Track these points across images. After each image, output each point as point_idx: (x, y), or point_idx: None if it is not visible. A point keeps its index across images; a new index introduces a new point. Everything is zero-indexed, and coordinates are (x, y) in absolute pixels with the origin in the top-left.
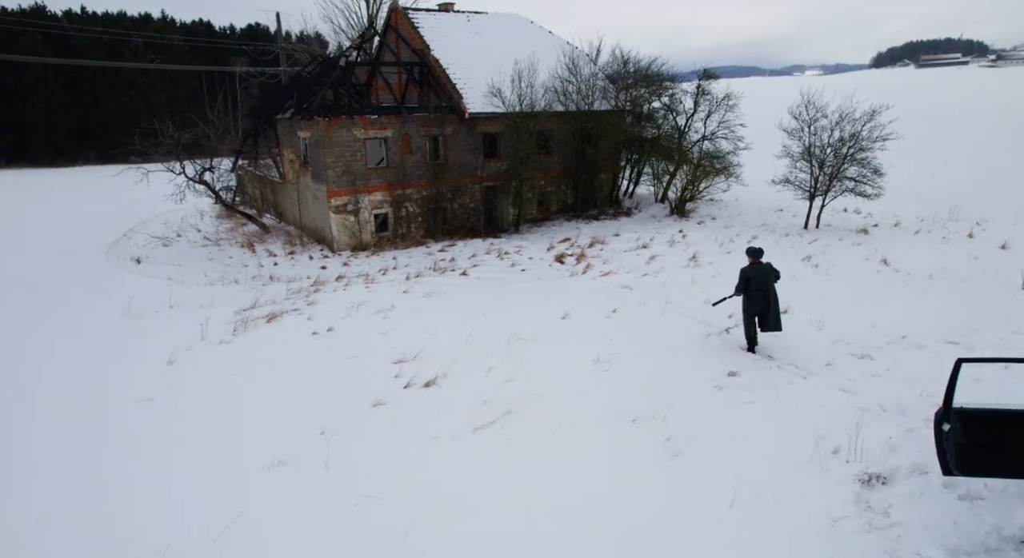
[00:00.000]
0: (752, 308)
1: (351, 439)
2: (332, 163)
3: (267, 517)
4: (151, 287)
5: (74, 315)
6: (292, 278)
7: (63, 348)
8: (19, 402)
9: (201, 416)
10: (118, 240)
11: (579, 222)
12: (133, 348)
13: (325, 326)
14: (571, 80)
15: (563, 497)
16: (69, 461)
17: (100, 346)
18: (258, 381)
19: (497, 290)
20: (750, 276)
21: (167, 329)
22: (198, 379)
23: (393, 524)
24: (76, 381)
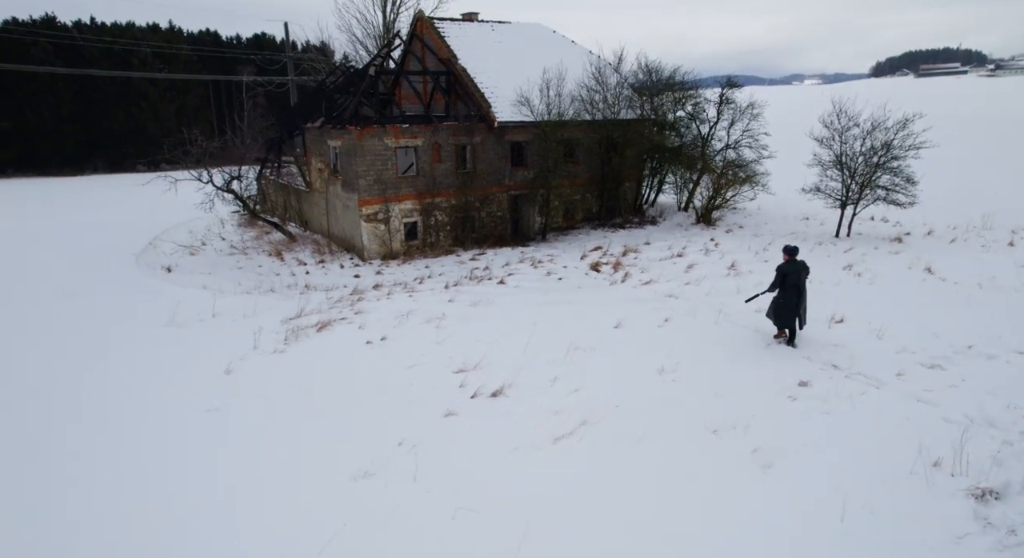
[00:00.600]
0: (787, 303)
1: (432, 450)
2: (364, 172)
3: (366, 531)
4: (189, 296)
5: (120, 325)
6: (329, 287)
7: (117, 358)
8: (84, 412)
9: (271, 427)
10: (145, 249)
11: (605, 231)
12: (186, 358)
13: (377, 335)
14: (597, 89)
15: (663, 510)
16: (149, 476)
17: (153, 356)
18: (321, 391)
19: (541, 299)
20: (787, 272)
21: (216, 338)
22: (259, 389)
23: (497, 537)
24: (137, 392)
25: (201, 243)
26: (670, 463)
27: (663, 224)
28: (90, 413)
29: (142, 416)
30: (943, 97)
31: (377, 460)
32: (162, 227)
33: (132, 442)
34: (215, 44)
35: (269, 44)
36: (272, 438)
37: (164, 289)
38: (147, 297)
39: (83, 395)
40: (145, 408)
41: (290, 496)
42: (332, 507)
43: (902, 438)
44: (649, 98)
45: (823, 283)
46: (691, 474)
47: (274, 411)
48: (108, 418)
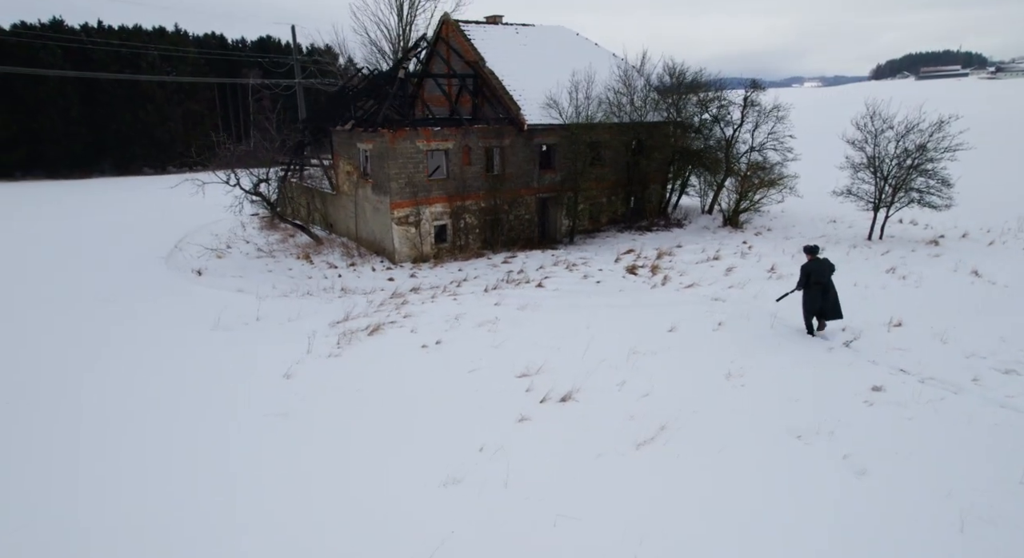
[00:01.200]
0: (812, 300)
1: (515, 456)
2: (395, 175)
3: (472, 540)
4: (228, 299)
5: (167, 328)
6: (365, 290)
7: (176, 363)
8: (161, 418)
9: (345, 432)
10: (171, 252)
11: (632, 233)
12: (242, 362)
13: (431, 339)
14: (624, 92)
15: (768, 516)
16: (238, 484)
17: (210, 361)
18: (386, 396)
19: (585, 302)
20: (811, 271)
21: (266, 343)
22: (322, 393)
23: (605, 546)
24: (204, 398)
25: (226, 246)
26: (759, 469)
27: (690, 227)
28: (167, 418)
29: (218, 423)
30: (946, 100)
31: (462, 466)
32: (183, 229)
33: (218, 450)
34: (221, 47)
35: (275, 47)
36: (349, 444)
37: (200, 292)
38: (185, 300)
39: (158, 401)
40: (218, 415)
41: (385, 503)
42: (429, 514)
43: (1000, 445)
44: (675, 101)
45: (868, 287)
46: (786, 481)
47: (343, 416)
48: (187, 423)
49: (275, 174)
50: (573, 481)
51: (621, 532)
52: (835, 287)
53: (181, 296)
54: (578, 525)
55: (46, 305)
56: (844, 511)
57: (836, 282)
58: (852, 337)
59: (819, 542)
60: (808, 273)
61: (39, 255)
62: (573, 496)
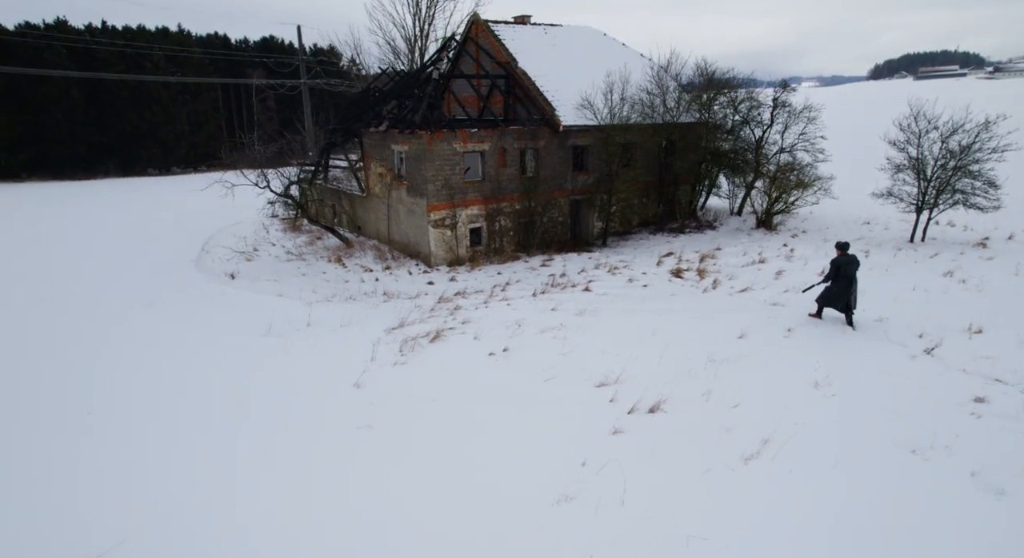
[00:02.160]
0: (839, 291)
1: (622, 471)
2: (432, 177)
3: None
4: (271, 304)
5: (221, 334)
6: (410, 294)
7: (238, 372)
8: (243, 432)
9: (437, 446)
10: (199, 255)
11: (666, 235)
12: (304, 370)
13: (498, 346)
14: (657, 92)
15: (909, 540)
16: (345, 503)
17: (272, 369)
18: (465, 406)
19: (640, 307)
20: (840, 264)
21: (325, 350)
22: (400, 404)
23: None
24: (282, 409)
25: (253, 249)
26: (886, 487)
27: (722, 228)
28: (257, 432)
29: (308, 436)
30: (946, 100)
31: (570, 483)
32: (203, 232)
33: (318, 465)
34: (224, 47)
35: (278, 47)
36: (444, 458)
37: (240, 297)
38: (228, 304)
39: (240, 413)
40: (304, 427)
41: (502, 524)
42: (551, 536)
43: None
44: (707, 100)
45: (929, 291)
46: (917, 500)
47: (428, 428)
48: (277, 436)
49: (305, 175)
50: (688, 498)
51: (754, 554)
52: (857, 279)
53: (222, 300)
54: (711, 546)
55: (96, 309)
56: (991, 535)
57: (890, 285)
58: (932, 344)
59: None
60: (838, 267)
61: (66, 258)
62: (693, 514)
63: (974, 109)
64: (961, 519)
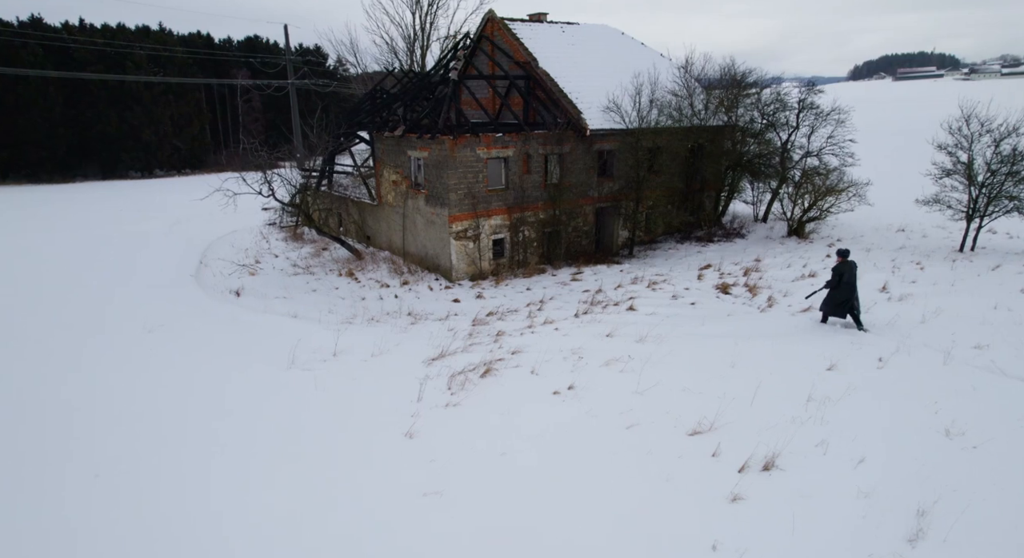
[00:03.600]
0: (842, 297)
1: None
2: (455, 185)
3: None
4: (288, 328)
5: (238, 369)
6: (439, 316)
7: (266, 416)
8: (279, 500)
9: (525, 520)
10: (198, 268)
11: (694, 244)
12: (342, 414)
13: (561, 382)
14: (685, 94)
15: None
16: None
17: (305, 413)
18: (541, 462)
19: (701, 331)
20: (842, 272)
21: (360, 386)
22: (464, 460)
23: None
24: (326, 468)
25: (255, 261)
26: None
27: (751, 237)
28: (301, 498)
29: (361, 509)
30: (930, 100)
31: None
32: (199, 241)
33: (390, 549)
34: (208, 46)
35: (263, 47)
36: (539, 541)
37: (251, 319)
38: (240, 329)
39: (278, 475)
40: (354, 495)
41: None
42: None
43: None
44: (732, 101)
45: (1012, 310)
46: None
47: (508, 496)
48: (329, 506)
49: (310, 182)
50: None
51: None
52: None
53: (232, 324)
54: None
55: (93, 337)
56: None
57: (965, 303)
58: None
59: None
60: (841, 274)
61: (53, 273)
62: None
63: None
64: None
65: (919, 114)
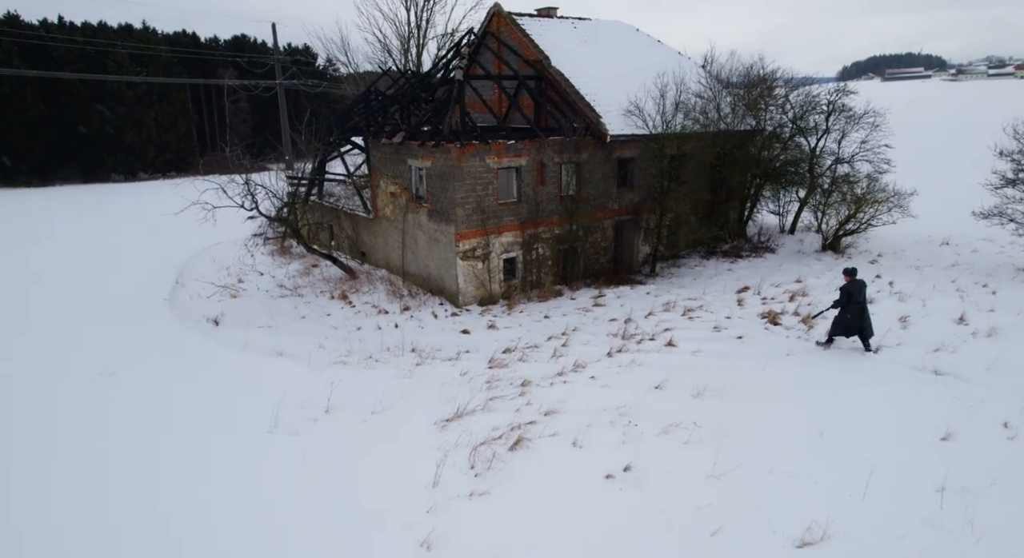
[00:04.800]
0: (852, 318)
1: None
2: (462, 199)
3: None
4: (272, 372)
5: (207, 433)
6: (448, 354)
7: (232, 508)
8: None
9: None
10: (174, 290)
11: (721, 260)
12: (337, 506)
13: (613, 461)
14: (711, 97)
15: None
16: None
17: (290, 505)
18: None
19: (766, 380)
20: (851, 292)
21: (358, 463)
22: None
23: None
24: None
25: (238, 280)
26: None
27: (781, 251)
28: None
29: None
30: (923, 101)
31: None
32: (178, 255)
33: None
34: (193, 46)
35: (251, 46)
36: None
37: (230, 359)
38: (215, 375)
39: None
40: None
41: None
42: None
43: None
44: (757, 100)
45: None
46: None
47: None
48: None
49: (297, 192)
50: None
51: None
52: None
53: (206, 367)
54: None
55: (35, 385)
56: None
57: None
58: None
59: None
60: (849, 294)
61: (6, 296)
62: None
63: None
64: None
65: (918, 117)
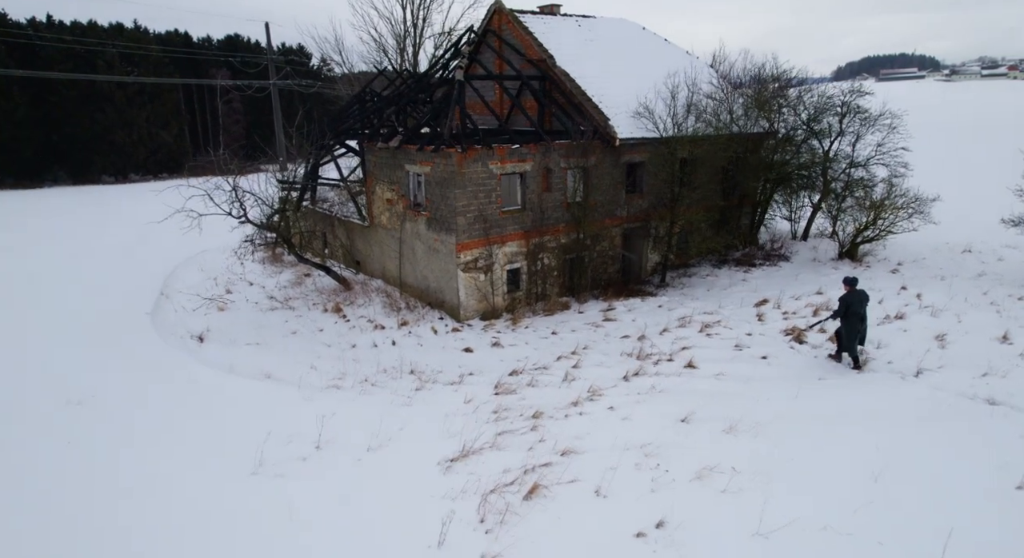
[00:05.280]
0: (852, 329)
1: None
2: (464, 207)
3: None
4: (259, 399)
5: (180, 473)
6: (450, 378)
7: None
8: None
9: None
10: (158, 302)
11: (735, 270)
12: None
13: (644, 515)
14: (723, 97)
15: None
16: None
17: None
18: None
19: (799, 411)
20: (850, 302)
21: (352, 517)
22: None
23: None
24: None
25: (226, 291)
26: None
27: (796, 259)
28: None
29: None
30: (919, 101)
31: None
32: (167, 263)
33: None
34: (186, 45)
35: (244, 46)
36: None
37: (213, 383)
38: (195, 401)
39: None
40: None
41: None
42: None
43: None
44: (767, 100)
45: None
46: None
47: None
48: None
49: (288, 198)
50: None
51: None
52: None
53: (187, 394)
54: None
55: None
56: None
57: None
58: None
59: None
60: (848, 304)
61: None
62: None
63: None
64: None
65: (917, 119)
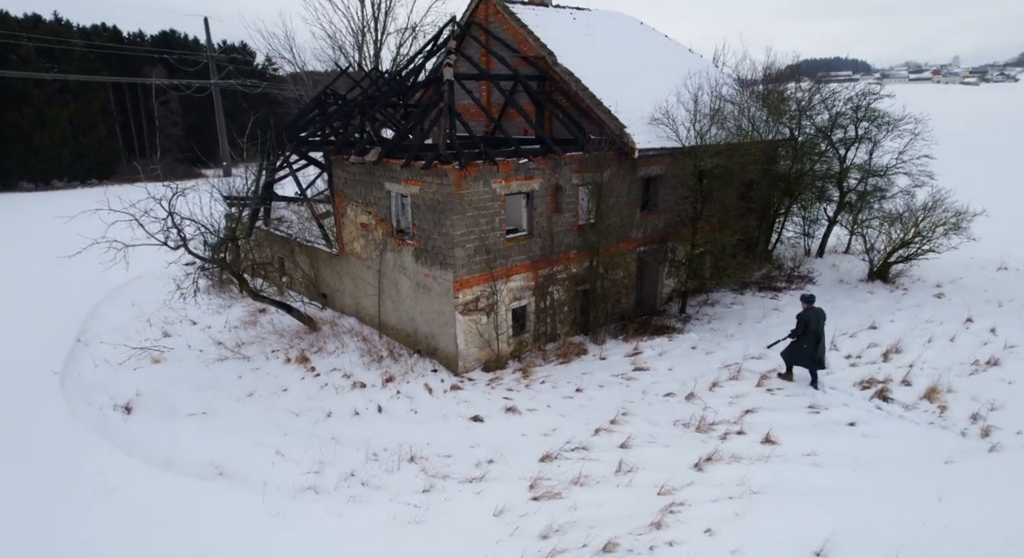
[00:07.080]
0: (806, 349)
1: None
2: (463, 237)
3: None
4: (211, 520)
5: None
6: (466, 471)
7: None
8: None
9: None
10: (71, 354)
11: (758, 295)
12: None
13: None
14: (743, 102)
15: None
16: None
17: None
18: None
19: (959, 523)
20: (808, 320)
21: None
22: None
23: None
24: None
25: (163, 334)
26: None
27: (821, 281)
28: None
29: None
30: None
31: None
32: (89, 294)
33: None
34: (114, 40)
35: (181, 42)
36: None
37: (135, 490)
38: (108, 536)
39: None
40: None
41: None
42: None
43: None
44: (798, 111)
45: None
46: None
47: None
48: None
49: (239, 224)
50: None
51: None
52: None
53: (98, 515)
54: None
55: None
56: None
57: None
58: None
59: None
60: (806, 322)
61: None
62: None
63: None
64: None
65: None
